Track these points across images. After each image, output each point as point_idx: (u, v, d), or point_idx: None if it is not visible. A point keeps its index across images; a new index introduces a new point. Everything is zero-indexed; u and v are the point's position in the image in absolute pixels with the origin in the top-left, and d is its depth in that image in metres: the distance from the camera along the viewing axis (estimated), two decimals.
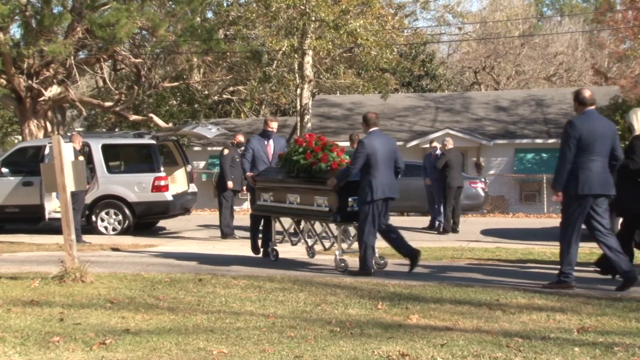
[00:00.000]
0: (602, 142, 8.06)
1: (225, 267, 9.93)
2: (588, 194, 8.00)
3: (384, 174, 9.33)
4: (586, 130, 8.01)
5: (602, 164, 8.07)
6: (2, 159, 16.33)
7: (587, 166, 7.99)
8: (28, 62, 23.34)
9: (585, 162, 8.00)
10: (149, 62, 27.43)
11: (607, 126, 8.20)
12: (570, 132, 8.03)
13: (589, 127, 8.04)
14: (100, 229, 15.50)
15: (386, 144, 9.55)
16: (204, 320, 6.56)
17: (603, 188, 8.06)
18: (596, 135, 8.04)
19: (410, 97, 37.68)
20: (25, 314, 6.79)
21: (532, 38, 47.82)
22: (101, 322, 6.48)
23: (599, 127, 8.09)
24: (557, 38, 48.22)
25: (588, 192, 7.99)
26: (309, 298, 7.62)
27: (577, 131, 8.00)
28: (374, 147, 9.31)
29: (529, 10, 50.49)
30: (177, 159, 17.33)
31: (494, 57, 47.90)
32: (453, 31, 42.84)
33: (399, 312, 6.94)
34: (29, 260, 10.84)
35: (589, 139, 7.99)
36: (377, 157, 9.29)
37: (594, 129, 8.06)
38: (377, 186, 9.23)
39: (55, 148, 8.79)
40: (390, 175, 9.44)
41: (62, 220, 8.89)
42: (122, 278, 8.86)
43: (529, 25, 49.75)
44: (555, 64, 48.69)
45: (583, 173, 7.99)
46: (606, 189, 8.09)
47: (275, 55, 29.49)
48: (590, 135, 8.01)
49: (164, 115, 31.53)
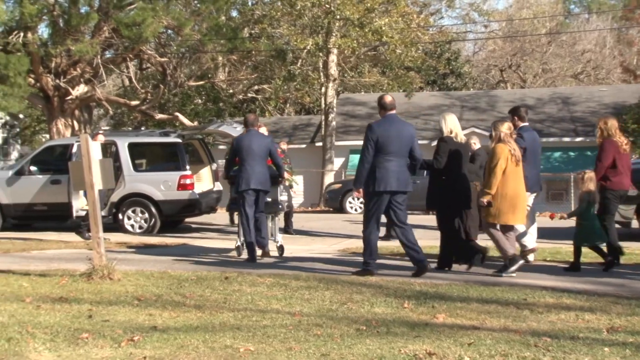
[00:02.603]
0: (399, 144, 8.93)
1: (251, 265, 9.95)
2: (384, 191, 8.87)
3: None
4: (382, 132, 8.90)
5: (398, 163, 8.92)
6: (30, 158, 16.50)
7: (384, 165, 8.85)
8: (56, 61, 23.55)
9: (382, 161, 8.86)
10: (175, 61, 27.56)
11: (404, 129, 9.06)
12: (369, 134, 8.96)
13: (385, 130, 8.92)
14: (127, 227, 15.60)
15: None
16: (230, 318, 6.59)
17: (399, 185, 8.91)
18: (392, 137, 8.88)
19: (435, 95, 37.56)
20: (54, 310, 6.86)
21: (559, 36, 47.48)
22: (129, 319, 6.53)
23: (394, 129, 8.94)
24: (585, 35, 47.82)
25: (384, 189, 8.86)
26: (335, 296, 7.62)
27: (374, 134, 8.90)
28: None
29: (556, 8, 50.12)
30: (203, 158, 17.40)
31: (520, 55, 47.61)
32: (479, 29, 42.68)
33: (426, 311, 6.92)
34: (57, 258, 10.94)
35: (385, 140, 8.86)
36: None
37: (389, 131, 8.91)
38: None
39: (83, 146, 8.86)
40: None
41: (90, 218, 8.97)
42: (149, 276, 8.91)
43: (556, 22, 49.39)
44: (582, 61, 48.30)
45: (380, 172, 8.85)
46: (402, 186, 8.96)
47: (300, 54, 29.54)
48: (387, 138, 8.87)
49: (189, 113, 31.69)
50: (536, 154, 10.18)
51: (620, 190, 10.09)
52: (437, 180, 9.54)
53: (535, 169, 10.15)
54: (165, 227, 15.98)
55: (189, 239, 14.60)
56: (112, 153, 16.09)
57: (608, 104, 33.30)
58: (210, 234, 15.84)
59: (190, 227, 17.39)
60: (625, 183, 10.12)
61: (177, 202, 15.67)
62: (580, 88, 39.41)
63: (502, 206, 9.01)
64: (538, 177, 10.28)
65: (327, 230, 16.30)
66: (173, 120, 27.44)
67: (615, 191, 10.04)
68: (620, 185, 10.04)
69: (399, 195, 9.01)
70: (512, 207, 9.05)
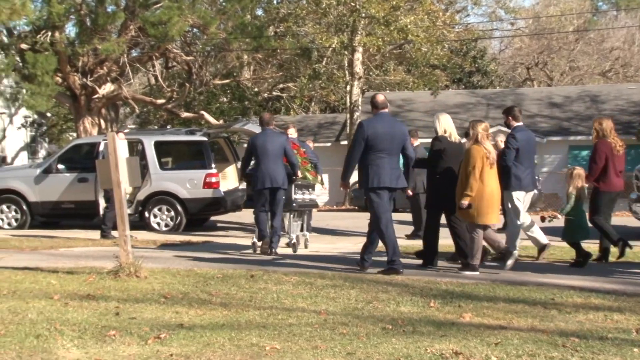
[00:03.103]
0: (390, 141, 9.07)
1: (276, 263, 9.97)
2: (378, 187, 9.05)
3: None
4: (372, 130, 9.08)
5: (389, 160, 9.09)
6: (57, 156, 16.65)
7: (376, 162, 9.06)
8: (83, 60, 23.77)
9: (374, 159, 9.06)
10: (200, 59, 27.70)
11: (395, 127, 9.20)
12: (359, 131, 9.19)
13: (375, 128, 9.09)
14: (153, 225, 15.69)
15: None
16: (256, 316, 6.60)
17: (391, 181, 9.08)
18: (382, 135, 9.05)
19: (460, 93, 37.39)
20: (82, 307, 6.91)
21: (586, 33, 47.06)
22: (156, 317, 6.56)
23: (385, 127, 9.09)
24: (613, 33, 47.37)
25: (378, 184, 9.04)
26: (361, 295, 7.61)
27: (364, 131, 9.09)
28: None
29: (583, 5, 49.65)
30: (228, 156, 17.47)
31: (547, 52, 47.26)
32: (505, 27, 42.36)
33: (452, 310, 6.90)
34: (84, 255, 11.03)
35: (375, 138, 9.03)
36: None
37: (380, 129, 9.07)
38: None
39: (110, 145, 8.92)
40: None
41: (116, 215, 9.02)
42: (175, 273, 8.95)
43: (584, 20, 48.95)
44: (610, 59, 47.84)
45: (372, 169, 9.07)
46: (394, 182, 9.13)
47: (325, 52, 29.54)
48: (376, 135, 9.04)
49: (214, 112, 31.80)
50: (530, 154, 10.25)
51: (612, 192, 10.26)
52: (432, 179, 9.81)
53: (529, 169, 10.25)
54: (191, 225, 16.06)
55: (215, 236, 14.65)
56: (139, 151, 16.20)
57: (637, 101, 32.97)
58: (235, 232, 15.90)
59: (216, 225, 17.46)
60: (617, 184, 10.27)
61: (202, 200, 15.75)
62: (608, 86, 39.05)
63: (481, 207, 9.09)
64: (533, 176, 10.38)
65: (352, 229, 16.29)
66: (199, 118, 27.57)
67: (608, 193, 10.21)
68: (612, 186, 10.21)
69: (392, 191, 9.24)
70: (490, 207, 9.16)
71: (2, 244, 12.62)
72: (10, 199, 16.20)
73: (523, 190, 10.14)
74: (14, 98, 24.92)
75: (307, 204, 12.33)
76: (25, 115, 35.22)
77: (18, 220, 16.17)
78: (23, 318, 6.45)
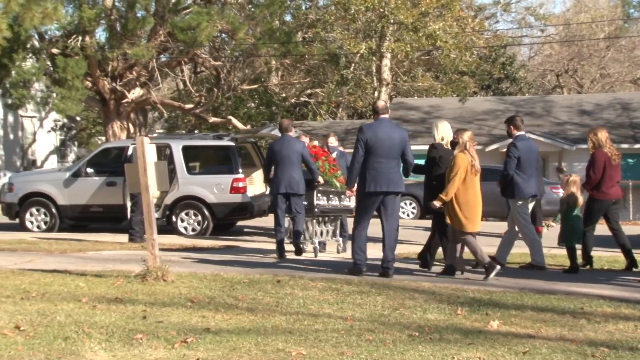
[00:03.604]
0: (389, 147, 9.28)
1: (302, 269, 9.98)
2: (374, 192, 9.24)
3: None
4: (371, 135, 9.29)
5: (388, 165, 9.27)
6: (86, 160, 16.79)
7: (374, 167, 9.25)
8: (112, 65, 23.98)
9: (372, 163, 9.26)
10: (229, 64, 27.82)
11: (394, 133, 9.41)
12: (359, 136, 9.41)
13: (374, 133, 9.30)
14: (180, 230, 15.76)
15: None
16: (282, 322, 6.61)
17: (389, 186, 9.24)
18: (380, 140, 9.26)
19: (489, 100, 37.22)
20: (109, 311, 6.96)
21: (617, 40, 46.63)
22: (182, 321, 6.59)
23: (383, 133, 9.30)
24: None
25: (374, 189, 9.24)
26: (387, 302, 7.59)
27: (364, 136, 9.31)
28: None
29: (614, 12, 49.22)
30: (255, 161, 17.50)
31: (577, 59, 46.90)
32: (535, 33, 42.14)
33: (479, 318, 6.86)
34: (112, 259, 11.10)
35: (374, 143, 9.24)
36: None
37: (378, 134, 9.28)
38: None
39: (138, 149, 8.98)
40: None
41: (144, 220, 9.08)
42: (202, 278, 8.98)
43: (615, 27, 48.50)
44: None
45: (370, 173, 9.25)
46: (392, 186, 9.28)
47: (353, 58, 29.57)
48: (375, 140, 9.25)
49: (242, 117, 31.93)
50: (531, 162, 10.47)
51: (608, 200, 10.56)
52: (429, 185, 9.98)
53: (533, 176, 10.50)
54: (218, 230, 16.11)
55: (241, 241, 14.70)
56: (167, 156, 16.29)
57: None
58: (262, 237, 15.92)
59: (242, 230, 17.51)
60: (612, 193, 10.58)
61: (229, 204, 15.78)
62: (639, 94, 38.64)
63: (467, 214, 9.29)
64: (537, 184, 10.65)
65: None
66: (226, 123, 27.69)
67: (603, 201, 10.52)
68: (608, 195, 10.50)
69: (391, 195, 9.35)
70: (475, 214, 9.34)
71: (31, 247, 12.76)
72: (40, 202, 16.35)
73: (526, 198, 10.45)
74: (44, 102, 25.17)
75: (339, 209, 12.33)
76: (55, 119, 35.58)
77: (47, 223, 16.32)
78: (51, 320, 6.51)
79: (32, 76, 22.66)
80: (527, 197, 10.47)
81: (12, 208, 16.54)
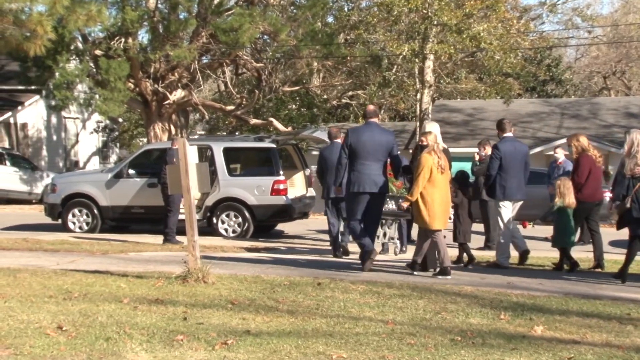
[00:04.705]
0: (373, 149, 9.81)
1: (343, 272, 9.98)
2: (358, 192, 9.78)
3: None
4: (355, 138, 9.89)
5: (371, 167, 9.80)
6: (128, 161, 16.96)
7: (358, 169, 9.82)
8: (154, 66, 24.25)
9: (356, 165, 9.85)
10: (270, 66, 27.95)
11: (380, 136, 9.92)
12: (344, 139, 10.08)
13: (357, 137, 9.89)
14: (221, 231, 15.85)
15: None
16: (323, 325, 6.62)
17: (372, 187, 9.77)
18: (364, 143, 9.81)
19: (534, 102, 36.84)
20: (150, 312, 7.03)
21: None
22: (223, 323, 6.63)
23: (368, 136, 9.85)
24: None
25: (357, 190, 9.78)
26: (429, 305, 7.57)
27: (347, 140, 9.95)
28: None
29: None
30: (296, 163, 17.54)
31: (625, 61, 46.24)
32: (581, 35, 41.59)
33: (523, 323, 6.80)
34: (153, 260, 11.22)
35: (357, 146, 9.82)
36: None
37: (362, 137, 9.85)
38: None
39: (180, 150, 9.07)
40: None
41: (185, 221, 9.15)
42: (242, 280, 9.04)
43: None
44: None
45: (354, 175, 9.85)
46: (375, 187, 9.79)
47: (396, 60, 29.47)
48: (358, 143, 9.83)
49: (283, 119, 32.02)
50: (515, 163, 10.87)
51: (592, 202, 11.09)
52: None
53: (516, 178, 10.88)
54: (258, 232, 16.18)
55: (281, 243, 14.74)
56: (208, 157, 16.40)
57: None
58: (301, 240, 15.95)
59: (282, 232, 17.56)
60: (597, 195, 11.15)
61: (270, 207, 15.83)
62: None
63: (431, 212, 9.64)
64: (520, 185, 10.97)
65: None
66: (267, 125, 27.80)
67: (587, 203, 10.95)
68: (592, 197, 11.01)
69: (374, 195, 9.84)
70: (440, 212, 9.70)
71: (73, 247, 12.94)
72: (82, 203, 16.55)
73: (508, 199, 10.85)
74: (87, 103, 25.50)
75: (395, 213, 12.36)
76: (98, 121, 36.03)
77: (89, 224, 16.52)
78: (93, 321, 6.60)
79: (75, 78, 23.01)
80: (508, 199, 10.85)
81: (55, 209, 16.77)
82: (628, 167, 9.51)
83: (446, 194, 9.87)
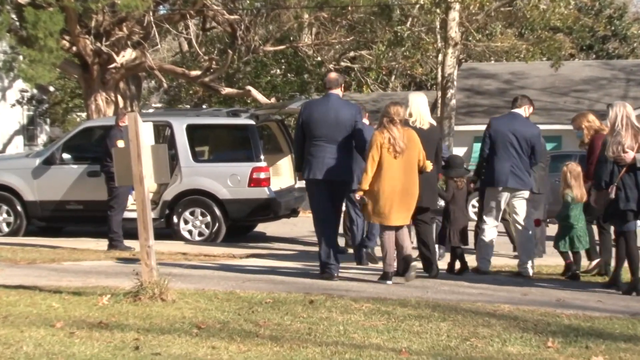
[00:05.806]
0: (328, 127, 10.01)
1: (343, 286, 9.99)
2: (312, 179, 10.11)
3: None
4: (307, 114, 10.17)
5: (326, 149, 10.00)
6: (62, 143, 16.92)
7: (310, 151, 10.09)
8: (96, 19, 24.10)
9: (309, 146, 10.12)
10: (248, 19, 27.85)
11: (339, 111, 10.05)
12: (298, 116, 10.40)
13: (310, 112, 10.16)
14: (184, 234, 15.85)
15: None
16: (316, 355, 6.62)
17: (329, 174, 10.04)
18: (317, 119, 10.02)
19: (591, 65, 36.95)
20: (91, 339, 7.01)
21: None
22: (186, 353, 6.63)
23: (323, 111, 10.02)
24: None
25: (311, 176, 10.11)
26: (454, 329, 7.59)
27: (300, 116, 10.27)
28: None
29: None
30: (282, 145, 17.52)
31: None
32: None
33: (577, 353, 6.83)
34: (95, 271, 11.21)
35: (309, 123, 10.08)
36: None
37: (316, 113, 10.07)
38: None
39: (130, 129, 9.02)
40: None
41: (137, 221, 9.12)
42: (211, 297, 9.04)
43: None
44: None
45: (307, 158, 10.14)
46: (332, 175, 10.04)
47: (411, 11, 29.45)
48: (311, 120, 10.07)
49: (264, 87, 32.03)
50: (504, 145, 11.14)
51: None
52: None
53: (507, 162, 11.13)
54: (232, 234, 16.17)
55: (263, 249, 14.75)
56: (166, 138, 16.38)
57: None
58: (289, 245, 15.97)
59: (264, 235, 17.57)
60: None
61: (247, 202, 15.81)
62: None
63: (376, 204, 9.88)
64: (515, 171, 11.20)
65: None
66: (244, 95, 27.80)
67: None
68: None
69: (337, 184, 10.19)
70: (388, 206, 9.84)
71: None
72: (1, 198, 16.50)
73: (496, 185, 11.19)
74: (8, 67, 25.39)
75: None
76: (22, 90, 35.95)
77: (10, 225, 16.47)
78: (17, 351, 6.58)
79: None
80: (497, 185, 11.16)
81: None
82: (610, 149, 9.63)
83: (403, 183, 9.88)
